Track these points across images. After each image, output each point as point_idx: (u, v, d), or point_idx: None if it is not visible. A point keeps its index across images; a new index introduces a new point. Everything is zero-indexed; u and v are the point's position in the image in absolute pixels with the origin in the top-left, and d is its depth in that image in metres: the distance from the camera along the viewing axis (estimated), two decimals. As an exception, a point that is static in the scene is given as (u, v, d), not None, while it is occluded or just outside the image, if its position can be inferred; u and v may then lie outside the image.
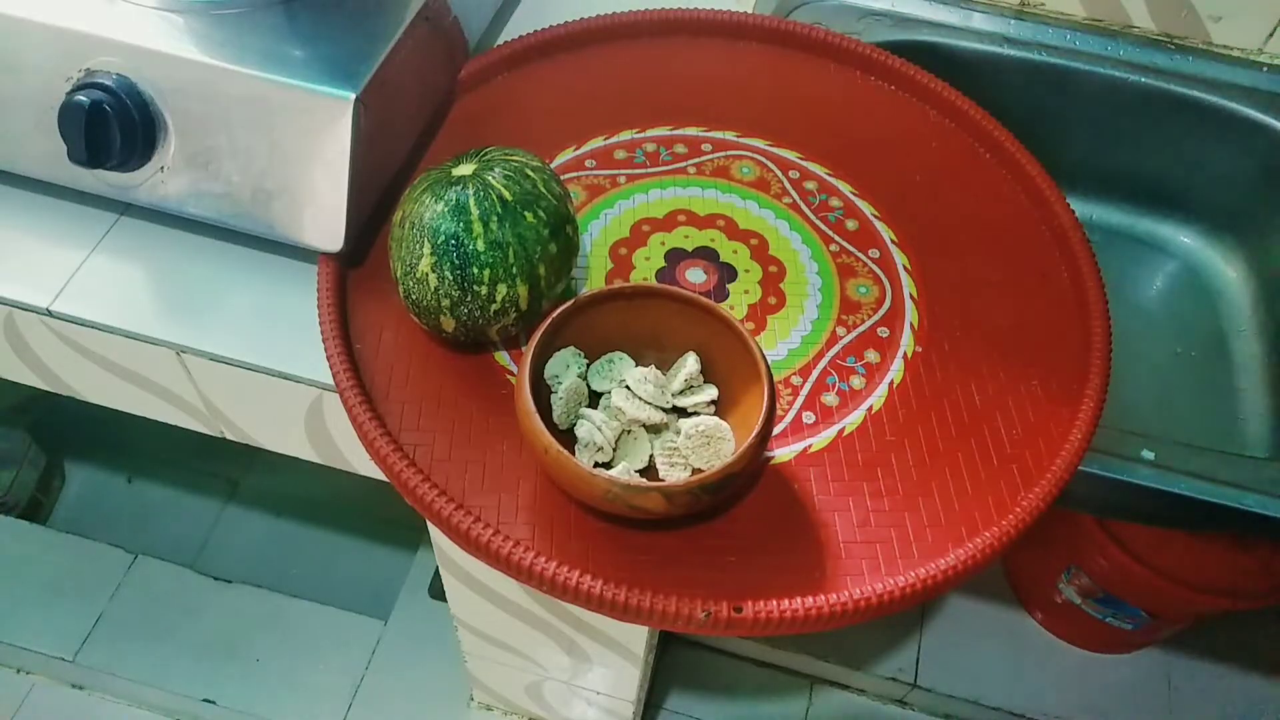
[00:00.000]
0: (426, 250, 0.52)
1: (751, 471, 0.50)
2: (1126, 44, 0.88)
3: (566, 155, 0.69)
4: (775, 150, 0.71)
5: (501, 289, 0.53)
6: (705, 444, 0.52)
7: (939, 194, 0.69)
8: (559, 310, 0.52)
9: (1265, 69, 0.87)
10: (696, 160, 0.70)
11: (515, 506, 0.52)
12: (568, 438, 0.53)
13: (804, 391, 0.58)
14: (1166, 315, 0.95)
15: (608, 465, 0.53)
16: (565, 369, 0.54)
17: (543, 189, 0.54)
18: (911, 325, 0.62)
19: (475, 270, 0.52)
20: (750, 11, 0.78)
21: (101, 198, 0.63)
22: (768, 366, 0.51)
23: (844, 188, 0.69)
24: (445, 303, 0.53)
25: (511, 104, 0.72)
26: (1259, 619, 1.28)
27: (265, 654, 1.26)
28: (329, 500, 1.41)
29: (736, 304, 0.62)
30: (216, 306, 0.61)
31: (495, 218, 0.52)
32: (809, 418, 0.57)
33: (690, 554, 0.51)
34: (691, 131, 0.72)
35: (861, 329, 0.61)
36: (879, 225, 0.67)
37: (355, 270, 0.61)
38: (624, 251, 0.64)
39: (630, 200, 0.67)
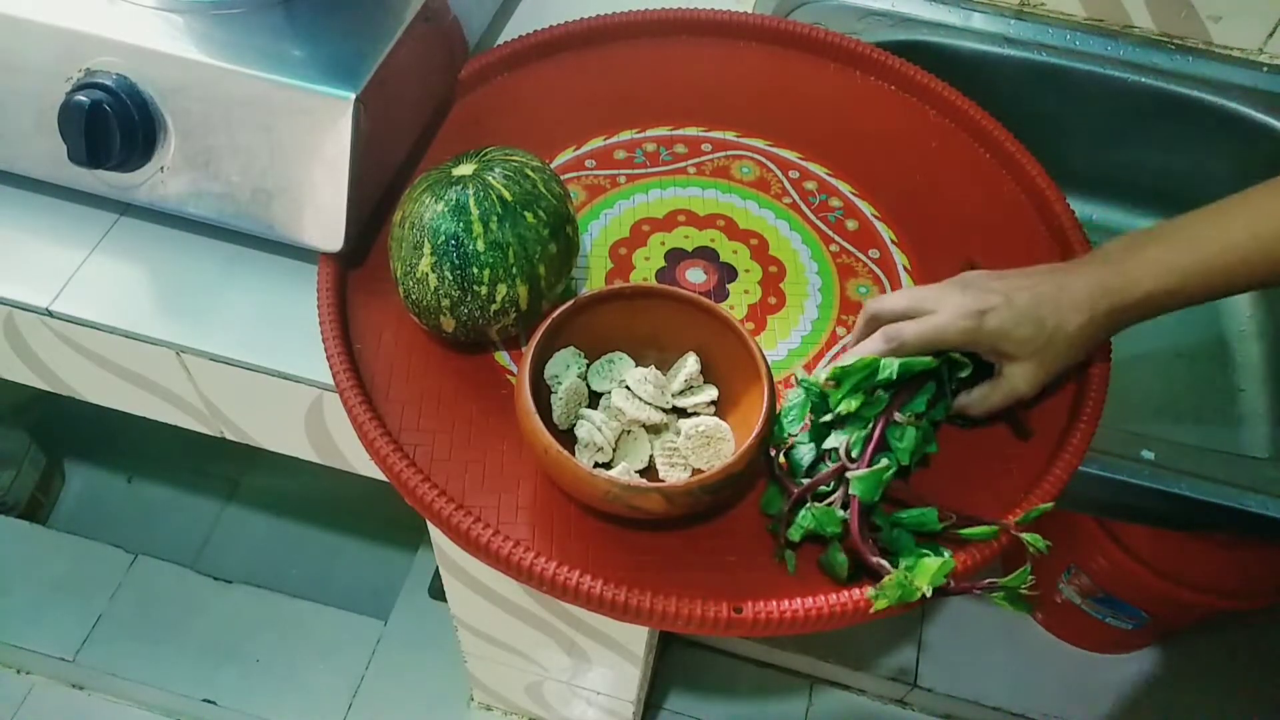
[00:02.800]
0: (426, 250, 0.52)
1: (751, 471, 0.50)
2: (1126, 44, 0.88)
3: (566, 155, 0.69)
4: (775, 150, 0.71)
5: (501, 289, 0.53)
6: (705, 444, 0.52)
7: (939, 194, 0.69)
8: (559, 310, 0.52)
9: (1265, 69, 0.87)
10: (696, 160, 0.70)
11: (515, 506, 0.52)
12: (568, 438, 0.53)
13: (804, 391, 0.58)
14: (1167, 315, 0.95)
15: (608, 465, 0.53)
16: (565, 369, 0.54)
17: (543, 189, 0.54)
18: (911, 325, 0.61)
19: (475, 270, 0.52)
20: (750, 11, 0.78)
21: (101, 198, 0.63)
22: (768, 366, 0.51)
23: (844, 188, 0.69)
24: (445, 303, 0.53)
25: (511, 104, 0.72)
26: (1259, 619, 1.28)
27: (265, 654, 1.25)
28: (329, 500, 1.41)
29: (736, 304, 0.62)
30: (216, 306, 0.61)
31: (495, 218, 0.52)
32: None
33: (690, 554, 0.51)
34: (691, 131, 0.72)
35: (861, 329, 0.61)
36: (879, 225, 0.67)
37: (355, 270, 0.61)
38: (624, 251, 0.64)
39: (630, 200, 0.67)
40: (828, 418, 0.52)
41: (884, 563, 0.48)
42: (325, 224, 0.58)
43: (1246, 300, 0.94)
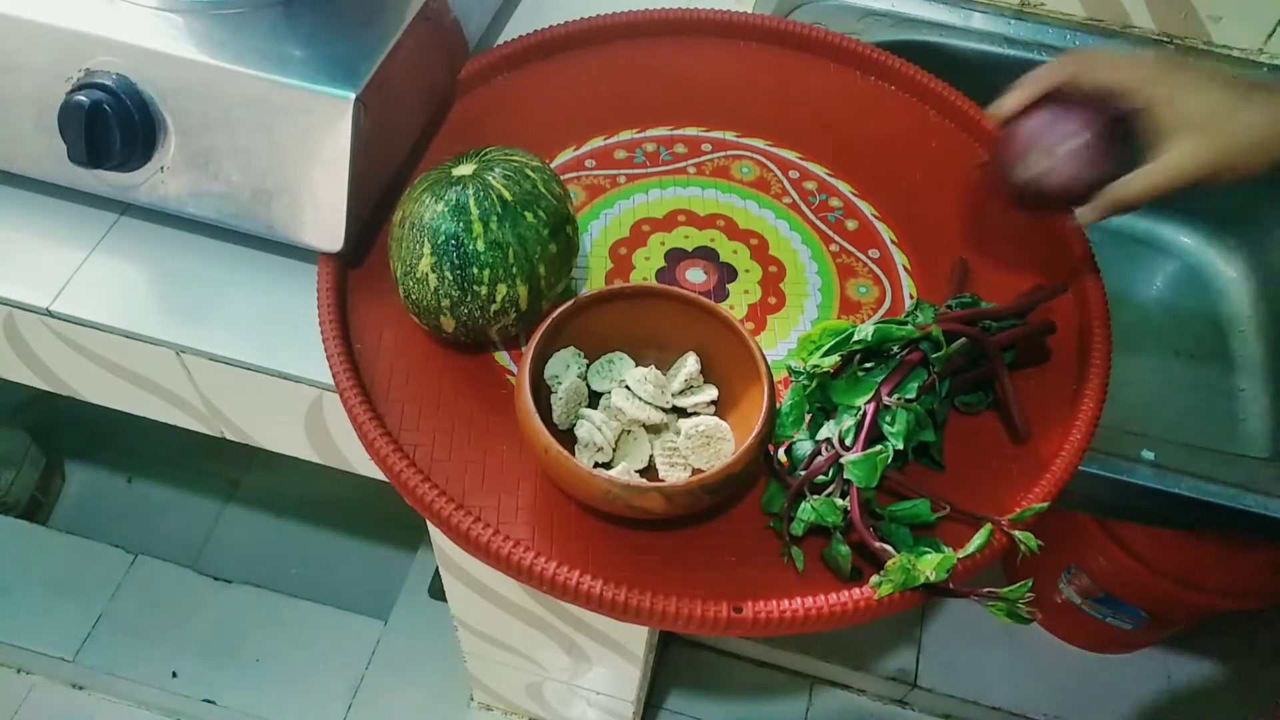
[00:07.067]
0: (426, 250, 0.52)
1: (752, 471, 0.50)
2: (1126, 44, 0.88)
3: (566, 155, 0.69)
4: (775, 150, 0.71)
5: (501, 289, 0.53)
6: (705, 444, 0.52)
7: (939, 194, 0.69)
8: (559, 310, 0.52)
9: (1265, 69, 0.87)
10: (696, 160, 0.70)
11: (515, 506, 0.52)
12: (568, 438, 0.53)
13: (804, 391, 0.58)
14: (1166, 315, 0.95)
15: (608, 465, 0.53)
16: (565, 369, 0.54)
17: (543, 189, 0.54)
18: (911, 325, 0.62)
19: (475, 270, 0.52)
20: (750, 11, 0.78)
21: (101, 198, 0.63)
22: (768, 366, 0.51)
23: (844, 188, 0.69)
24: (445, 303, 0.53)
25: (511, 104, 0.72)
26: (1259, 619, 1.27)
27: (265, 654, 1.26)
28: (329, 500, 1.41)
29: (736, 304, 0.62)
30: (216, 306, 0.61)
31: (495, 218, 0.52)
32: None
33: (690, 554, 0.51)
34: (691, 131, 0.72)
35: (861, 329, 0.61)
36: (879, 225, 0.67)
37: (355, 270, 0.61)
38: (624, 251, 0.64)
39: (630, 200, 0.67)
40: (809, 385, 0.52)
41: (887, 547, 0.48)
42: (325, 224, 0.58)
43: (1246, 300, 0.94)
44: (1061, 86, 0.54)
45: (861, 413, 0.52)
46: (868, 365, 0.54)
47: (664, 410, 0.54)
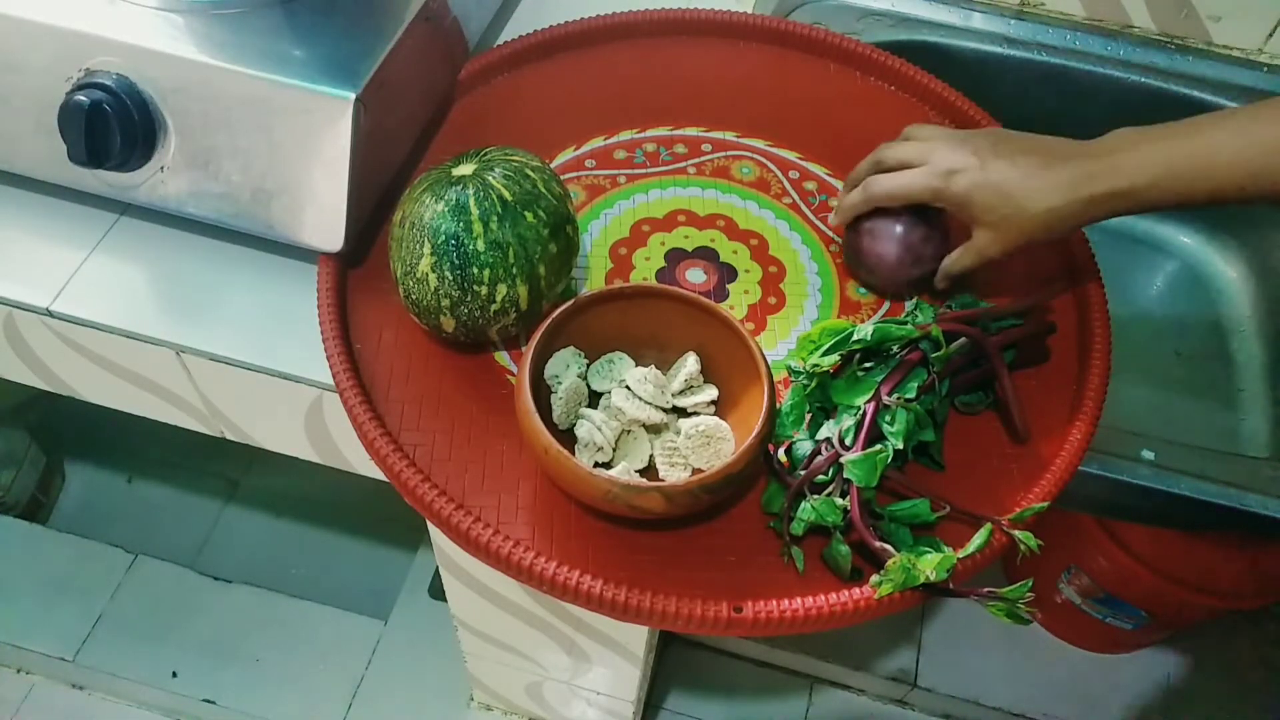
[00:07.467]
0: (426, 250, 0.52)
1: (751, 471, 0.50)
2: (1126, 44, 0.88)
3: (566, 155, 0.69)
4: (775, 150, 0.71)
5: (501, 289, 0.53)
6: (705, 444, 0.52)
7: (939, 194, 0.69)
8: (559, 310, 0.52)
9: (1265, 69, 0.87)
10: (696, 160, 0.70)
11: (515, 506, 0.52)
12: (568, 438, 0.53)
13: (804, 391, 0.58)
14: (1166, 315, 0.95)
15: (608, 465, 0.53)
16: (565, 369, 0.54)
17: (543, 189, 0.54)
18: (911, 325, 0.62)
19: (475, 270, 0.52)
20: (750, 11, 0.78)
21: (101, 198, 0.63)
22: (768, 366, 0.51)
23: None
24: (445, 303, 0.53)
25: (511, 104, 0.72)
26: (1258, 619, 1.28)
27: (265, 654, 1.25)
28: (329, 500, 1.41)
29: (736, 304, 0.62)
30: (216, 306, 0.61)
31: (495, 218, 0.52)
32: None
33: (690, 554, 0.51)
34: (691, 131, 0.72)
35: (861, 329, 0.61)
36: (879, 225, 0.67)
37: (355, 270, 0.61)
38: (624, 251, 0.64)
39: (630, 200, 0.67)
40: (809, 385, 0.53)
41: (887, 546, 0.48)
42: (325, 224, 0.58)
43: (1246, 300, 0.94)
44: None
45: (861, 412, 0.52)
46: (868, 365, 0.54)
47: (664, 410, 0.54)
